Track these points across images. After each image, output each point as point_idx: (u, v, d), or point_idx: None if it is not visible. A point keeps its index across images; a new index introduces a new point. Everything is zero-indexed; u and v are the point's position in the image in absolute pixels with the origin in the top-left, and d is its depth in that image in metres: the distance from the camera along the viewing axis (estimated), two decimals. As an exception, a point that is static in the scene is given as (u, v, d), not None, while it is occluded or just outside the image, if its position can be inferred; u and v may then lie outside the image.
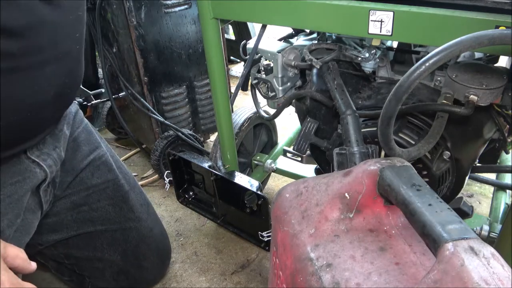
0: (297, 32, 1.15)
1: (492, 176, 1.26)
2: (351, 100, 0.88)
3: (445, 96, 0.73)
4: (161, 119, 1.52)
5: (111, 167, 1.07)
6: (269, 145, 1.55)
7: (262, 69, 1.08)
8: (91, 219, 1.05)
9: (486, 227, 1.03)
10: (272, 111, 1.16)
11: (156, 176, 1.70)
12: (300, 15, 0.81)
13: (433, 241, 0.42)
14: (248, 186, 1.03)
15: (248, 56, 1.07)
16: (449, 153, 0.83)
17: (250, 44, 1.07)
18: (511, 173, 1.24)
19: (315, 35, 1.12)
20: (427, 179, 0.84)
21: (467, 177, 0.90)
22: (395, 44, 0.99)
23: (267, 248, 1.07)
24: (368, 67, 0.92)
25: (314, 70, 0.99)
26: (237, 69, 2.67)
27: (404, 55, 0.94)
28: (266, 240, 1.04)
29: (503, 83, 0.70)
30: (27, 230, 0.88)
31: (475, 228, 1.04)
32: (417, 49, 0.93)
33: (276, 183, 1.65)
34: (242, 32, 2.29)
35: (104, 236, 1.07)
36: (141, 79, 1.47)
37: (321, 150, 0.99)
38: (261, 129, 1.49)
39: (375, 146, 0.83)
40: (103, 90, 1.84)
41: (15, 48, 0.66)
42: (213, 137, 1.88)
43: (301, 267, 0.53)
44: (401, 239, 0.53)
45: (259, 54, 1.07)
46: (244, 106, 1.40)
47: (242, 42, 1.09)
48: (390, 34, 0.72)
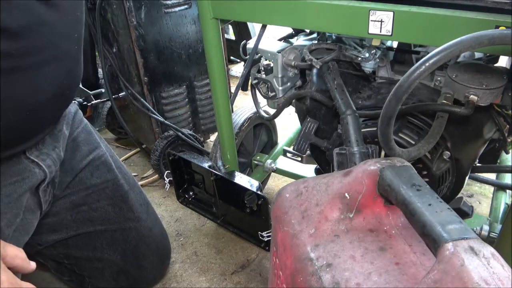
0: (297, 32, 1.15)
1: (492, 176, 1.26)
2: (351, 100, 0.88)
3: (445, 96, 0.73)
4: (161, 119, 1.52)
5: (111, 167, 1.07)
6: (269, 145, 1.55)
7: (262, 69, 1.08)
8: (91, 219, 1.05)
9: (486, 227, 1.03)
10: (272, 111, 1.16)
11: (156, 176, 1.70)
12: (300, 15, 0.81)
13: (433, 241, 0.42)
14: (248, 186, 1.03)
15: (248, 56, 1.07)
16: (449, 153, 0.83)
17: (250, 44, 1.07)
18: (511, 173, 1.24)
19: (315, 35, 1.12)
20: (427, 179, 0.84)
21: (467, 177, 0.90)
22: (395, 44, 0.99)
23: (267, 248, 1.07)
24: (368, 67, 0.92)
25: (314, 70, 0.99)
26: (237, 69, 2.67)
27: (404, 55, 0.94)
28: (266, 240, 1.04)
29: (503, 83, 0.70)
30: (26, 230, 0.88)
31: (475, 228, 1.04)
32: (417, 49, 0.93)
33: (276, 183, 1.65)
34: (242, 32, 2.29)
35: (104, 236, 1.07)
36: (141, 79, 1.47)
37: (321, 150, 0.98)
38: (261, 129, 1.49)
39: (375, 146, 0.83)
40: (103, 90, 1.84)
41: (13, 49, 0.65)
42: (213, 137, 1.88)
43: (301, 267, 0.53)
44: (401, 239, 0.53)
45: (259, 54, 1.07)
46: (244, 106, 1.40)
47: (242, 42, 1.09)
48: (390, 34, 0.72)
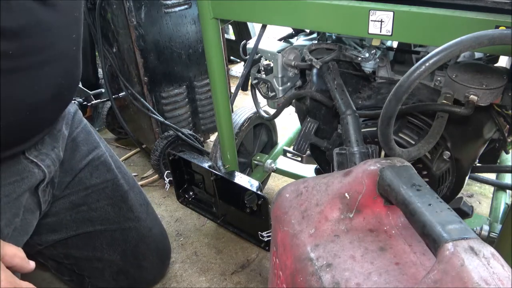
0: (297, 32, 1.15)
1: (492, 176, 1.26)
2: (351, 100, 0.88)
3: (445, 96, 0.73)
4: (161, 119, 1.52)
5: (110, 167, 1.07)
6: (269, 145, 1.55)
7: (262, 69, 1.08)
8: (90, 219, 1.05)
9: (486, 227, 1.03)
10: (272, 111, 1.16)
11: (156, 176, 1.70)
12: (300, 15, 0.81)
13: (433, 241, 0.42)
14: (248, 186, 1.02)
15: (248, 56, 1.07)
16: (449, 153, 0.83)
17: (250, 44, 1.07)
18: (511, 173, 1.24)
19: (315, 35, 1.12)
20: (427, 179, 0.84)
21: (467, 177, 0.90)
22: (395, 44, 0.99)
23: (267, 248, 1.07)
24: (368, 67, 0.92)
25: (314, 70, 0.99)
26: (237, 69, 2.67)
27: (404, 55, 0.94)
28: (266, 240, 1.04)
29: (503, 83, 0.70)
30: (26, 230, 0.88)
31: (475, 228, 1.03)
32: (417, 49, 0.93)
33: (276, 183, 1.65)
34: (242, 32, 2.29)
35: (104, 236, 1.07)
36: (141, 79, 1.47)
37: (321, 150, 0.98)
38: (261, 129, 1.49)
39: (375, 146, 0.83)
40: (103, 90, 1.84)
41: (11, 49, 0.65)
42: (213, 137, 1.88)
43: (301, 267, 0.53)
44: (401, 239, 0.53)
45: (259, 54, 1.07)
46: (244, 106, 1.40)
47: (242, 42, 1.09)
48: (390, 34, 0.72)
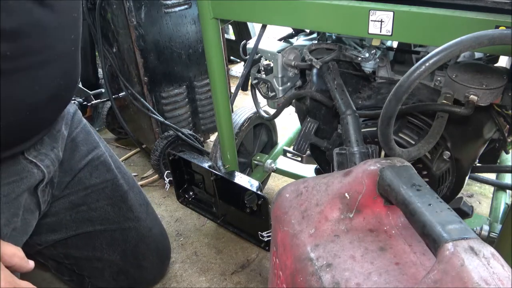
0: (297, 32, 1.15)
1: (492, 176, 1.26)
2: (351, 100, 0.88)
3: (445, 96, 0.73)
4: (161, 119, 1.52)
5: (110, 167, 1.07)
6: (269, 145, 1.55)
7: (262, 69, 1.08)
8: (90, 219, 1.05)
9: (486, 227, 1.03)
10: (272, 111, 1.16)
11: (156, 176, 1.70)
12: (300, 15, 0.81)
13: (433, 241, 0.42)
14: (248, 186, 1.02)
15: (248, 56, 1.07)
16: (449, 153, 0.83)
17: (250, 44, 1.07)
18: (511, 173, 1.24)
19: (315, 35, 1.12)
20: (427, 179, 0.84)
21: (467, 177, 0.90)
22: (395, 44, 0.99)
23: (267, 248, 1.07)
24: (368, 67, 0.92)
25: (314, 70, 0.99)
26: (237, 69, 2.67)
27: (404, 55, 0.94)
28: (266, 240, 1.04)
29: (503, 83, 0.70)
30: (25, 230, 0.87)
31: (475, 228, 1.03)
32: (417, 49, 0.93)
33: (276, 183, 1.65)
34: (242, 32, 2.29)
35: (103, 236, 1.07)
36: (141, 79, 1.47)
37: (321, 150, 0.98)
38: (261, 129, 1.49)
39: (375, 146, 0.83)
40: (103, 90, 1.84)
41: (10, 49, 0.65)
42: (213, 137, 1.88)
43: (301, 267, 0.53)
44: (401, 239, 0.53)
45: (259, 54, 1.07)
46: (244, 106, 1.39)
47: (242, 42, 1.09)
48: (390, 34, 0.72)
